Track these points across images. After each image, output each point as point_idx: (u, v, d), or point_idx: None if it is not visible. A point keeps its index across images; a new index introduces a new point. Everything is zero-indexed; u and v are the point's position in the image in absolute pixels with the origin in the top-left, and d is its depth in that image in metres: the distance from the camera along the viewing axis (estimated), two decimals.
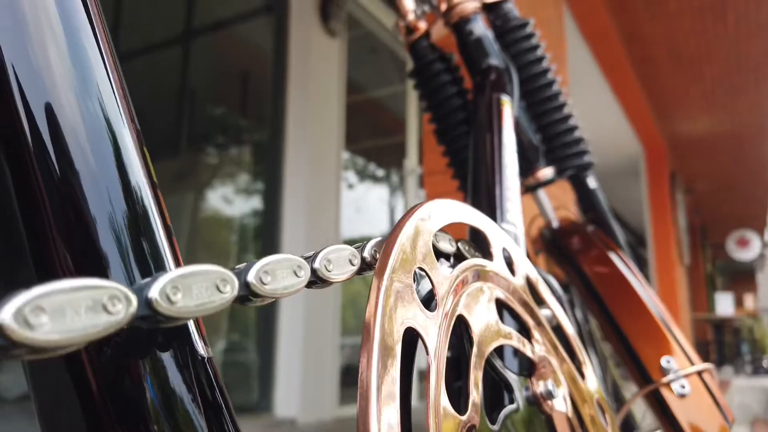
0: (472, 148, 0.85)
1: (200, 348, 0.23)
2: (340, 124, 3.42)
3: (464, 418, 0.27)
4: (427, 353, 0.26)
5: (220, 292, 0.21)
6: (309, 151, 3.06)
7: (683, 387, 0.70)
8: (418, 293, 0.27)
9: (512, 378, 0.36)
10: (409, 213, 0.31)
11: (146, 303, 0.19)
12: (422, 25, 0.96)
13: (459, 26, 0.94)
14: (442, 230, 0.36)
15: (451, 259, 0.36)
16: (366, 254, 0.29)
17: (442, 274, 0.30)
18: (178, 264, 0.24)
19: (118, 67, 0.27)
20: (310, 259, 0.25)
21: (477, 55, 0.93)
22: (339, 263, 0.27)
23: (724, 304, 9.09)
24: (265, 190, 3.26)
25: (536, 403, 0.37)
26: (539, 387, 0.37)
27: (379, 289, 0.24)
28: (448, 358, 0.65)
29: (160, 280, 0.20)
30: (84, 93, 0.24)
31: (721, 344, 9.15)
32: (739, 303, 10.32)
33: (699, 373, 0.71)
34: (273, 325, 2.89)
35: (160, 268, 0.22)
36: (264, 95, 3.47)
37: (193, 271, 0.21)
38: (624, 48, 4.81)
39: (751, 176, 7.67)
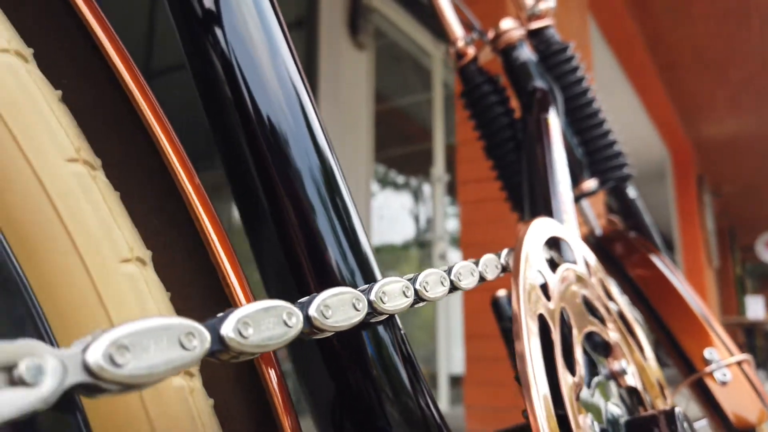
0: (526, 165, 0.95)
1: (400, 325, 0.33)
2: (369, 135, 3.53)
3: (576, 379, 0.37)
4: (551, 331, 0.35)
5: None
6: (341, 161, 3.17)
7: (725, 375, 0.79)
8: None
9: (596, 357, 0.45)
10: (524, 230, 0.41)
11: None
12: (471, 51, 1.07)
13: (506, 52, 1.04)
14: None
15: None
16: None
17: (552, 275, 0.40)
18: (373, 276, 0.33)
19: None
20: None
21: (523, 78, 1.03)
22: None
23: (755, 308, 8.97)
24: None
25: (613, 378, 0.46)
26: (615, 365, 0.46)
27: (518, 287, 0.34)
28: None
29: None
30: (297, 111, 0.34)
31: (752, 348, 9.03)
32: None
33: (739, 363, 0.79)
34: None
35: (372, 278, 0.32)
36: None
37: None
38: (648, 53, 4.86)
39: None
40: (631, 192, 1.13)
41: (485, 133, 1.08)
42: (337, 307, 0.21)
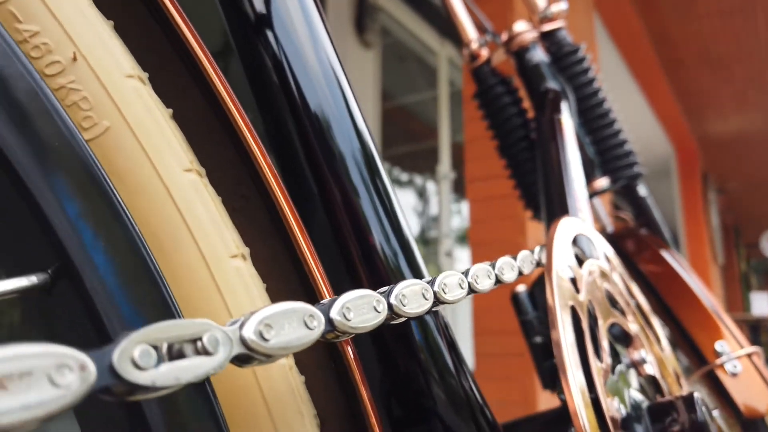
0: (541, 164, 0.98)
1: (443, 315, 0.36)
2: (375, 132, 3.56)
3: (603, 365, 0.40)
4: (581, 321, 0.39)
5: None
6: None
7: (735, 367, 0.82)
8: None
9: (618, 347, 0.48)
10: (553, 229, 0.44)
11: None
12: (484, 53, 1.10)
13: (519, 54, 1.07)
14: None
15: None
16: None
17: (580, 270, 0.43)
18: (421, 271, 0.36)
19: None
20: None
21: (536, 79, 1.06)
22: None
23: (760, 304, 8.96)
24: None
25: (634, 366, 0.49)
26: (635, 355, 0.49)
27: (551, 281, 0.37)
28: (539, 343, 0.78)
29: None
30: (346, 118, 0.37)
31: (757, 345, 9.00)
32: None
33: (749, 355, 0.82)
34: None
35: (420, 275, 0.35)
36: None
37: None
38: (654, 51, 4.87)
39: None
40: (642, 190, 1.16)
41: (499, 133, 1.11)
42: (411, 297, 0.25)
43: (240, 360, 0.17)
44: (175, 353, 0.16)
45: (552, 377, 0.69)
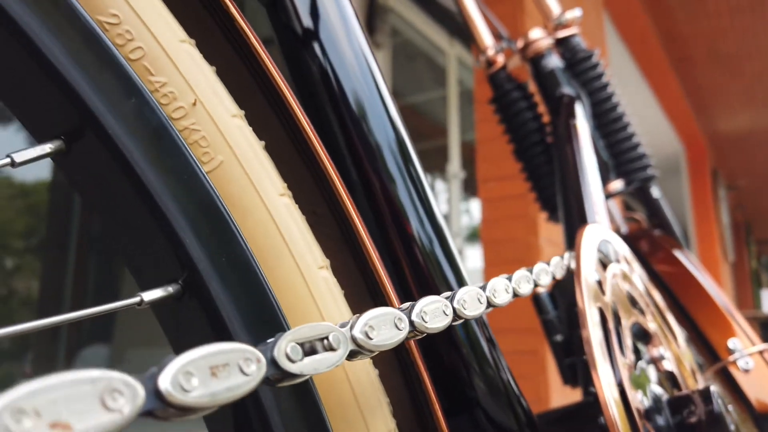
0: (558, 168, 1.01)
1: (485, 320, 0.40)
2: None
3: (627, 361, 0.44)
4: (607, 321, 0.42)
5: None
6: None
7: (747, 364, 0.85)
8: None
9: (639, 345, 0.52)
10: (579, 236, 0.47)
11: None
12: (500, 59, 1.13)
13: (535, 61, 1.10)
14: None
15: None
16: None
17: (604, 273, 0.47)
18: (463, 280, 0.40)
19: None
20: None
21: (551, 85, 1.09)
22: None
23: None
24: None
25: (653, 363, 0.53)
26: (654, 352, 0.53)
27: (581, 284, 0.41)
28: (560, 341, 0.82)
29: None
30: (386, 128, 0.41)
31: None
32: None
33: (761, 352, 0.86)
34: None
35: (464, 283, 0.39)
36: None
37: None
38: (662, 48, 4.87)
39: None
40: (655, 192, 1.19)
41: (515, 137, 1.14)
42: (470, 301, 0.28)
43: (350, 355, 0.21)
44: (308, 350, 0.20)
45: (573, 374, 0.73)
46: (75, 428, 0.13)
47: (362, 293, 0.29)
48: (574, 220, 0.93)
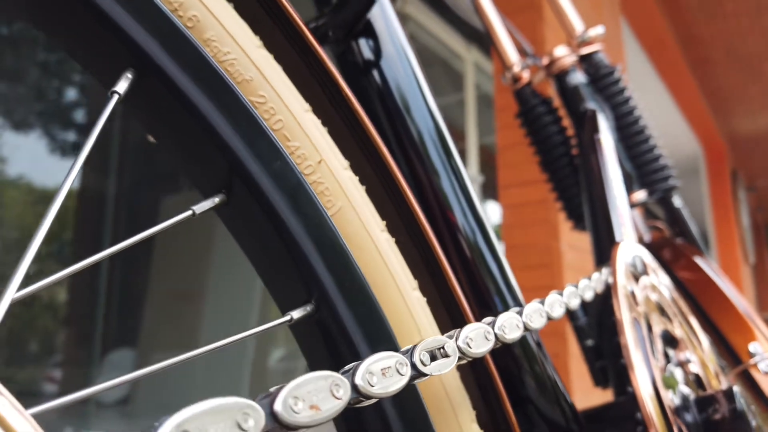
0: (584, 181, 1.07)
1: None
2: None
3: (659, 364, 0.49)
4: (640, 326, 0.48)
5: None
6: None
7: None
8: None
9: (668, 349, 0.57)
10: (614, 253, 0.53)
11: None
12: (526, 75, 1.19)
13: (560, 77, 1.16)
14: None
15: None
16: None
17: (636, 286, 0.52)
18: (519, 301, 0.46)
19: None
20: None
21: (576, 100, 1.15)
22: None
23: None
24: None
25: (680, 366, 0.58)
26: (681, 356, 0.58)
27: (618, 297, 0.47)
28: (591, 345, 0.88)
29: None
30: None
31: None
32: None
33: None
34: None
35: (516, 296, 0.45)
36: None
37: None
38: (680, 50, 4.88)
39: None
40: (677, 201, 1.24)
41: (541, 150, 1.20)
42: (535, 315, 0.35)
43: (458, 360, 0.28)
44: (433, 357, 0.26)
45: (604, 376, 0.78)
46: None
47: (439, 309, 0.36)
48: (602, 231, 0.99)
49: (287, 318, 0.28)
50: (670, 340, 0.59)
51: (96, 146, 0.24)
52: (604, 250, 0.88)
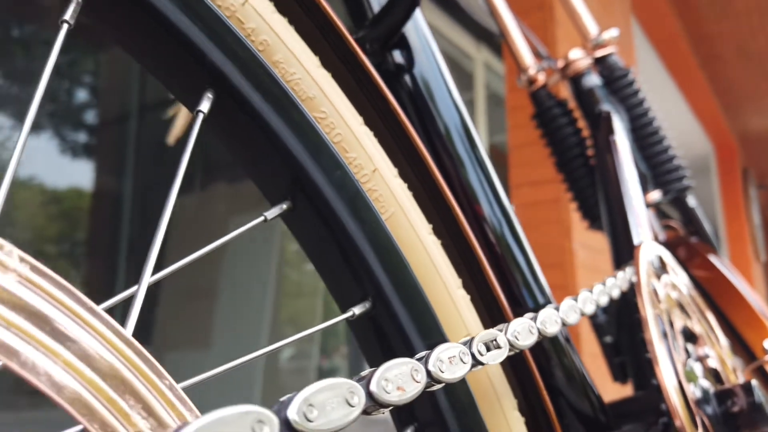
0: (600, 182, 1.09)
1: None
2: None
3: (681, 358, 0.52)
4: (663, 322, 0.51)
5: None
6: None
7: None
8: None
9: (688, 345, 0.60)
10: (637, 253, 0.56)
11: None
12: (541, 78, 1.21)
13: (575, 79, 1.18)
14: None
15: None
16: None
17: (659, 284, 0.55)
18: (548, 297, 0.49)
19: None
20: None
21: (591, 102, 1.17)
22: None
23: None
24: None
25: (699, 361, 0.61)
26: (700, 351, 0.61)
27: (642, 295, 0.49)
28: (610, 342, 0.90)
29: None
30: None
31: None
32: None
33: None
34: None
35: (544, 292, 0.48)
36: None
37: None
38: (691, 49, 4.87)
39: None
40: (691, 201, 1.26)
41: (556, 150, 1.22)
42: (570, 312, 0.37)
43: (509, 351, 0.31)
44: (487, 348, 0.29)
45: (623, 371, 0.81)
46: None
47: (479, 305, 0.38)
48: (620, 231, 1.01)
49: (349, 314, 0.31)
50: (689, 336, 0.61)
51: (112, 148, 0.27)
52: (622, 250, 0.90)
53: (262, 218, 0.30)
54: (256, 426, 0.18)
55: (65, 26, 0.24)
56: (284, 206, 0.31)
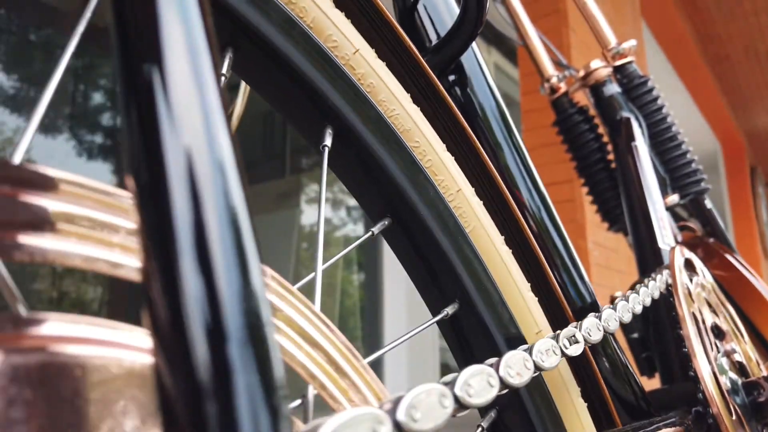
0: (622, 186, 1.14)
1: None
2: None
3: (713, 353, 0.57)
4: (699, 323, 0.56)
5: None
6: None
7: None
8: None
9: (716, 340, 0.65)
10: (672, 256, 0.61)
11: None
12: (562, 86, 1.26)
13: (595, 87, 1.24)
14: None
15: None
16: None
17: (691, 285, 0.60)
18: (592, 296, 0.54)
19: None
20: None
21: (611, 110, 1.22)
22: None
23: None
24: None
25: (726, 355, 0.66)
26: (727, 346, 0.66)
27: (678, 295, 0.55)
28: (635, 338, 0.96)
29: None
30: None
31: None
32: None
33: None
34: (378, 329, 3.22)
35: (592, 295, 0.53)
36: None
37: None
38: (699, 49, 4.91)
39: None
40: (708, 203, 1.31)
41: (577, 156, 1.28)
42: (610, 320, 0.43)
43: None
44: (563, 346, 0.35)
45: (650, 365, 0.86)
46: None
47: (545, 305, 0.44)
48: (644, 234, 1.07)
49: (444, 314, 0.37)
50: (717, 333, 0.66)
51: None
52: (646, 252, 0.96)
53: (370, 233, 0.36)
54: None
55: (222, 79, 0.30)
56: (386, 222, 0.37)
